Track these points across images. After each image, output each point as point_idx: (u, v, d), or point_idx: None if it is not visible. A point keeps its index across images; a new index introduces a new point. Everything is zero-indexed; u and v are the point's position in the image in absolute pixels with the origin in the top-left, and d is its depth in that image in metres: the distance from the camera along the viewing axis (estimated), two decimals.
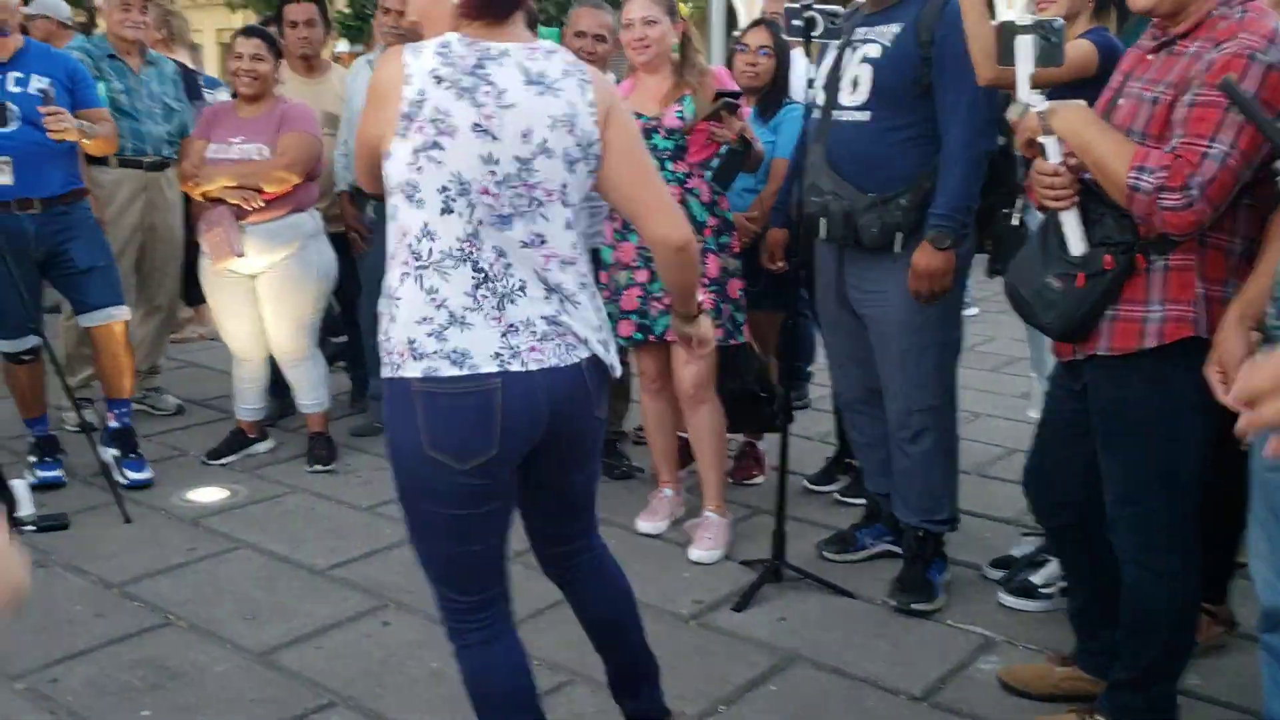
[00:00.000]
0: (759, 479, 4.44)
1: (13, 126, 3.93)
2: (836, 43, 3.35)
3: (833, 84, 3.35)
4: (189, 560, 3.70)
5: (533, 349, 1.99)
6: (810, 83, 3.38)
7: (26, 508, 3.92)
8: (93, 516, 4.03)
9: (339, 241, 4.80)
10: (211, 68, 12.85)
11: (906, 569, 3.45)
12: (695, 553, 3.71)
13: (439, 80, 1.93)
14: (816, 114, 3.40)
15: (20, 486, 3.98)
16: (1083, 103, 2.41)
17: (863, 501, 3.92)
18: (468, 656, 2.15)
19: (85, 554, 3.72)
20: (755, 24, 4.44)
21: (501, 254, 1.99)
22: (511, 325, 1.98)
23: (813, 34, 3.26)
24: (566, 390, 2.05)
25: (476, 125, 1.94)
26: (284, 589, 3.50)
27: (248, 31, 4.50)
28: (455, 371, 1.94)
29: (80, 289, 4.29)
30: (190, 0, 15.76)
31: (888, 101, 3.22)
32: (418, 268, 1.96)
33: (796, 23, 3.26)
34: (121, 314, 4.37)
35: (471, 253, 1.96)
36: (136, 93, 4.85)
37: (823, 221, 3.31)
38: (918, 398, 3.36)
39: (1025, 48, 2.39)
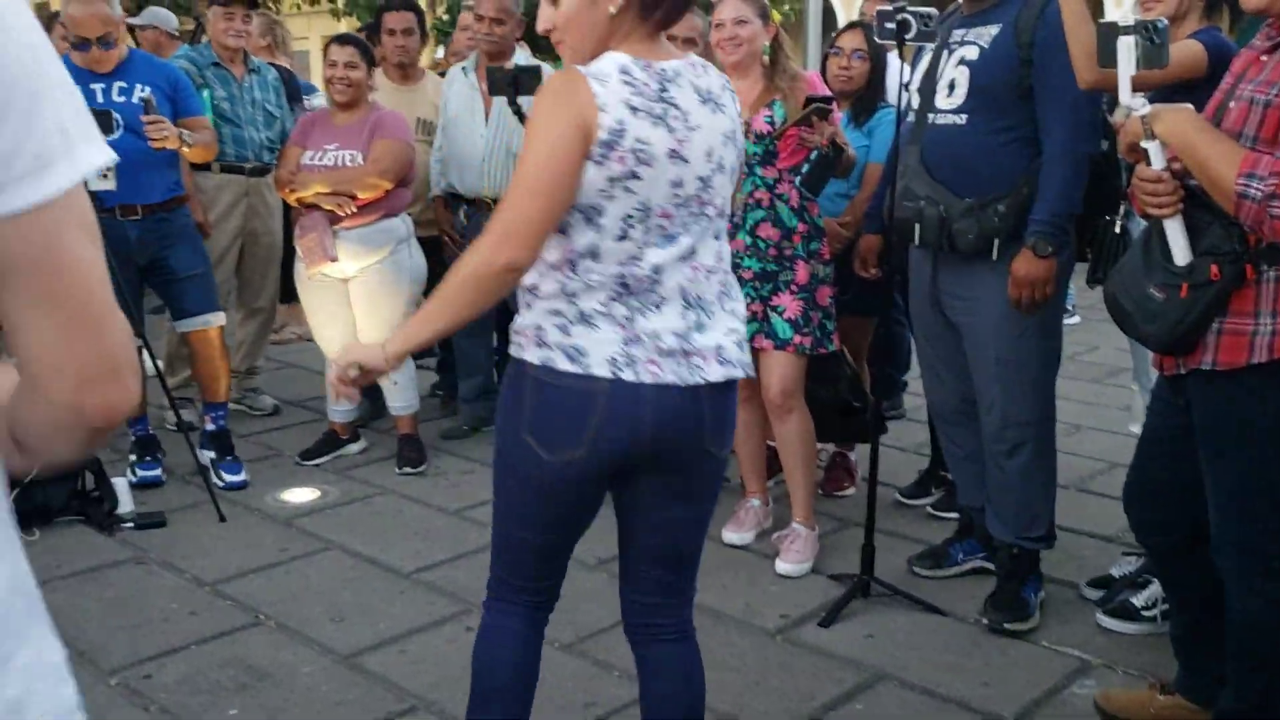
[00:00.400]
0: (849, 490, 4.36)
1: (116, 134, 4.04)
2: (932, 45, 3.28)
3: (928, 87, 3.27)
4: (280, 560, 3.76)
5: (651, 362, 1.96)
6: (905, 86, 3.31)
7: (126, 505, 4.03)
8: (189, 515, 4.12)
9: (432, 245, 4.85)
10: (316, 74, 13.13)
11: (1000, 587, 3.35)
12: (782, 565, 3.65)
13: (634, 110, 1.90)
14: (911, 117, 3.33)
15: (121, 484, 4.09)
16: (1189, 106, 2.31)
17: (956, 516, 3.82)
18: (486, 626, 2.19)
19: (181, 552, 3.80)
20: (849, 27, 4.37)
21: (656, 270, 1.97)
22: (636, 336, 1.96)
23: (906, 37, 3.18)
24: (676, 411, 1.99)
25: (673, 152, 1.93)
26: (371, 591, 3.53)
27: (342, 39, 4.56)
28: (568, 367, 1.95)
29: (178, 295, 4.40)
30: (296, 8, 16.10)
31: (985, 103, 3.13)
32: (569, 277, 1.96)
33: (889, 26, 3.19)
34: (218, 320, 4.46)
35: (625, 270, 1.96)
36: (239, 100, 4.96)
37: (917, 227, 3.23)
38: (1015, 410, 3.26)
39: (1127, 49, 2.29)
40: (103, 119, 3.90)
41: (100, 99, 4.13)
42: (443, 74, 5.35)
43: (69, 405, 0.91)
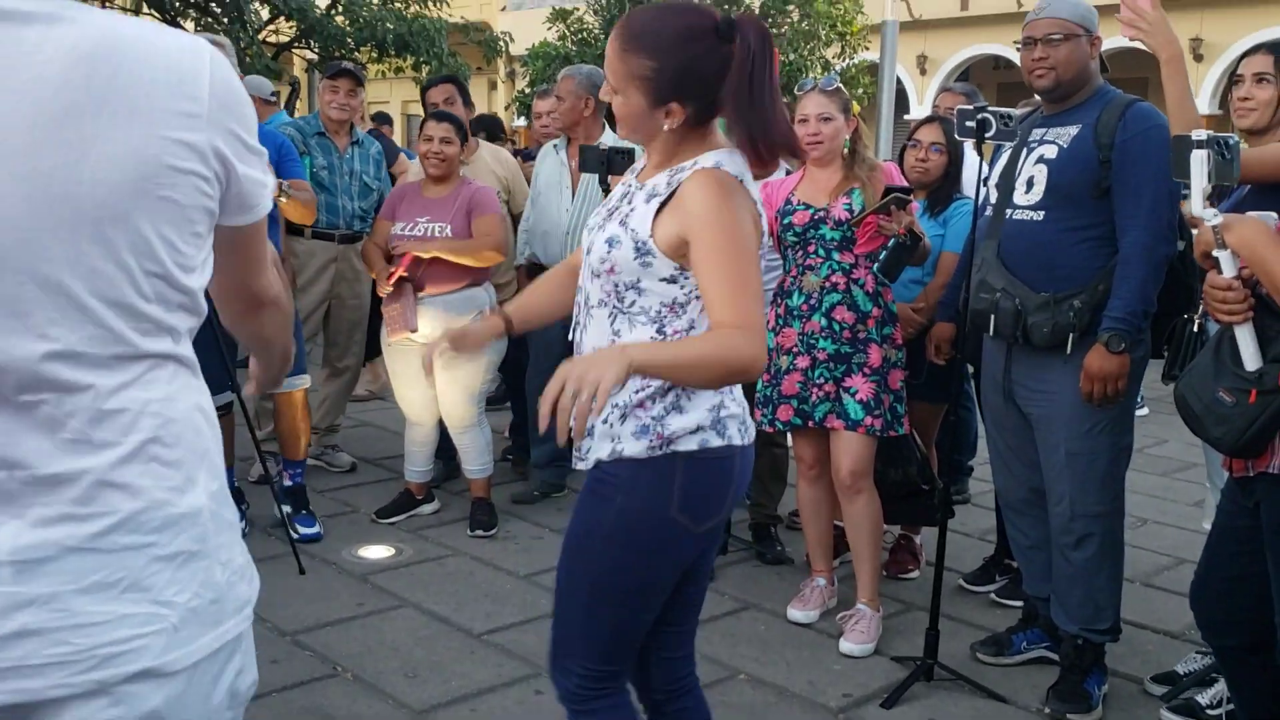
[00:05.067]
0: (914, 573, 4.40)
1: None
2: (1012, 143, 3.38)
3: (1007, 183, 3.38)
4: (356, 614, 3.88)
5: (749, 426, 2.18)
6: (984, 181, 3.42)
7: None
8: (270, 565, 4.26)
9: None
10: (397, 137, 13.51)
11: (1063, 677, 3.37)
12: (846, 645, 3.70)
13: (755, 201, 2.10)
14: (989, 211, 3.43)
15: None
16: (1259, 218, 2.39)
17: (1020, 604, 3.84)
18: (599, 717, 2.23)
19: (262, 601, 3.85)
20: (927, 120, 4.49)
21: None
22: (739, 403, 2.16)
23: (986, 135, 3.29)
24: (751, 465, 2.22)
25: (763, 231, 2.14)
26: (443, 649, 3.64)
27: (439, 116, 4.76)
28: (720, 442, 2.09)
29: None
30: (381, 75, 16.64)
31: (1062, 201, 3.23)
32: None
33: (969, 124, 3.30)
34: (303, 382, 4.65)
35: None
36: (337, 169, 5.19)
37: (992, 318, 3.32)
38: (1083, 502, 3.31)
39: (1200, 162, 2.39)
40: None
41: None
42: (518, 151, 5.60)
43: None
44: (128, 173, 1.21)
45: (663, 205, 2.05)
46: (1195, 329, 3.14)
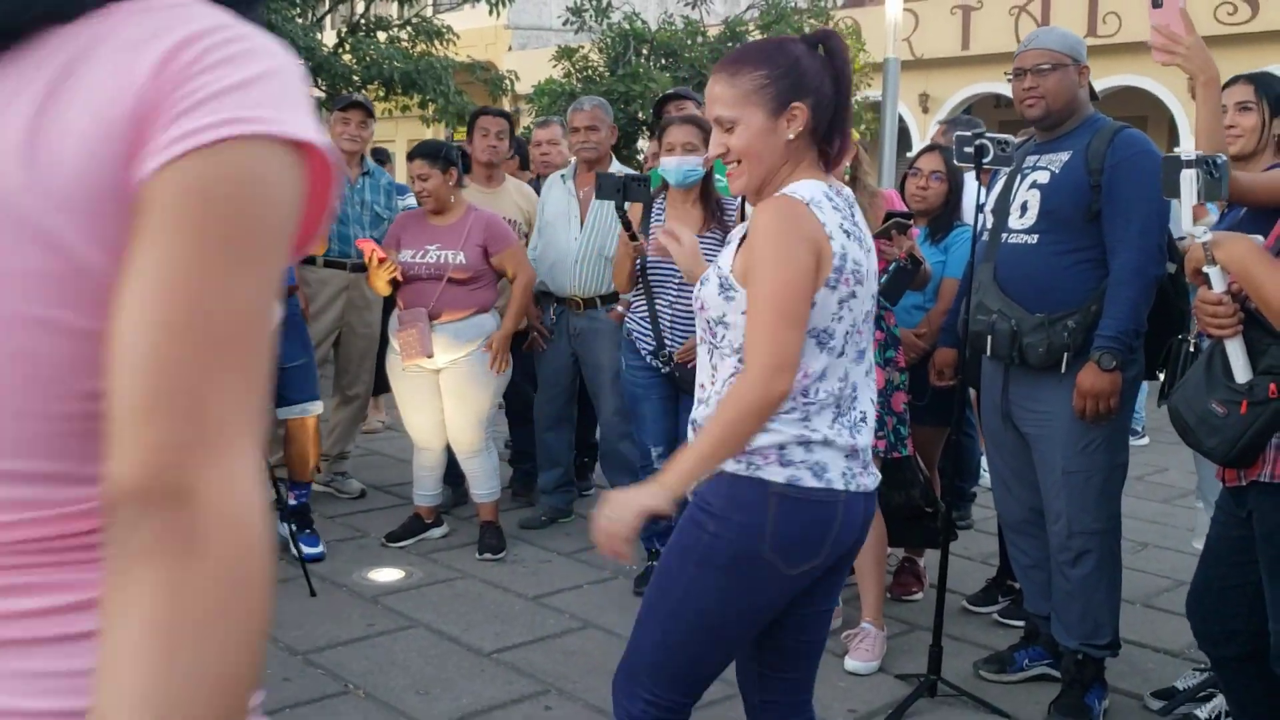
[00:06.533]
0: (917, 595, 4.44)
1: None
2: (1008, 169, 3.48)
3: (1002, 208, 3.47)
4: (367, 634, 3.93)
5: (861, 473, 2.13)
6: (980, 207, 3.51)
7: None
8: (281, 588, 4.32)
9: (518, 338, 5.13)
10: (401, 175, 13.64)
11: (1064, 692, 3.42)
12: (851, 663, 3.75)
13: (847, 234, 2.06)
14: (985, 236, 3.51)
15: None
16: (1247, 236, 2.47)
17: (1022, 624, 3.89)
18: None
19: (274, 622, 3.99)
20: (927, 150, 4.59)
21: (854, 387, 2.12)
22: (855, 450, 2.12)
23: (984, 161, 3.38)
24: (868, 515, 2.18)
25: (870, 271, 2.11)
26: (453, 668, 3.69)
27: (409, 156, 4.80)
28: (815, 483, 2.05)
29: (281, 384, 4.65)
30: (387, 113, 16.82)
31: (1055, 225, 3.32)
32: (804, 404, 2.06)
33: (968, 150, 3.40)
34: (315, 408, 4.73)
35: (840, 388, 2.10)
36: (348, 199, 5.30)
37: (989, 339, 3.40)
38: (1080, 520, 3.37)
39: (1189, 181, 2.48)
40: None
41: None
42: (533, 180, 5.69)
43: None
44: None
45: (743, 239, 2.11)
46: (1191, 349, 3.22)
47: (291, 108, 0.83)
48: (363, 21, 14.70)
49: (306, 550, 4.61)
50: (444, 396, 4.81)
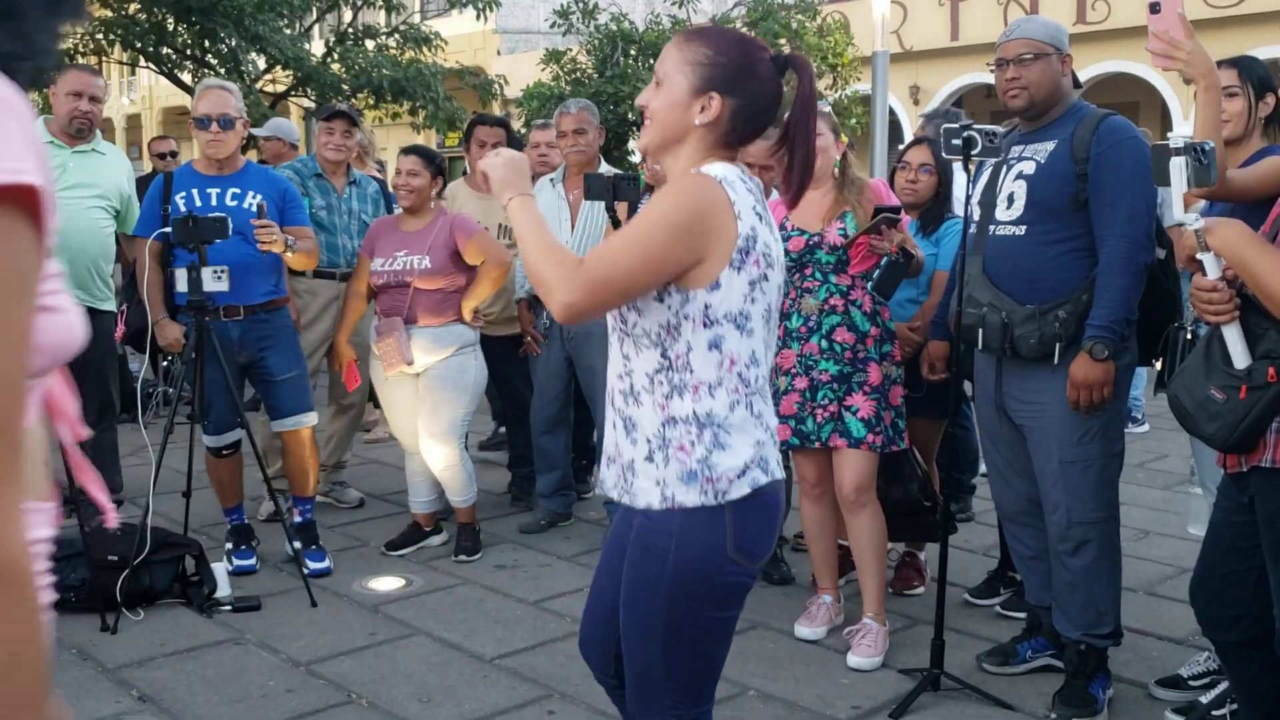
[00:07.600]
0: (919, 589, 4.44)
1: (228, 238, 4.33)
2: (993, 160, 3.47)
3: (989, 199, 3.46)
4: (369, 644, 3.92)
5: (777, 453, 2.16)
6: (967, 199, 3.49)
7: (224, 589, 4.23)
8: (283, 599, 4.31)
9: (514, 343, 5.12)
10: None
11: (1068, 683, 3.41)
12: (854, 659, 3.74)
13: (759, 217, 2.05)
14: (973, 228, 3.50)
15: (220, 569, 4.30)
16: (1239, 221, 2.46)
17: (1024, 616, 3.88)
18: None
19: (276, 634, 3.98)
20: (916, 143, 4.58)
21: (765, 370, 2.14)
22: (772, 431, 2.14)
23: (972, 152, 3.37)
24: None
25: (778, 258, 2.11)
26: (455, 675, 3.68)
27: (405, 150, 4.84)
28: (766, 479, 2.08)
29: (274, 395, 4.66)
30: (378, 121, 16.80)
31: (1042, 215, 3.31)
32: (748, 394, 2.06)
33: (955, 142, 3.39)
34: (310, 420, 4.71)
35: (760, 373, 2.10)
36: (336, 209, 5.29)
37: (980, 332, 3.39)
38: (1078, 510, 3.36)
39: (1178, 169, 2.47)
40: (219, 224, 4.20)
41: (215, 201, 4.45)
42: None
43: None
44: None
45: None
46: (1189, 336, 3.21)
47: None
48: (350, 30, 14.69)
49: (313, 565, 4.59)
50: (421, 400, 4.78)
